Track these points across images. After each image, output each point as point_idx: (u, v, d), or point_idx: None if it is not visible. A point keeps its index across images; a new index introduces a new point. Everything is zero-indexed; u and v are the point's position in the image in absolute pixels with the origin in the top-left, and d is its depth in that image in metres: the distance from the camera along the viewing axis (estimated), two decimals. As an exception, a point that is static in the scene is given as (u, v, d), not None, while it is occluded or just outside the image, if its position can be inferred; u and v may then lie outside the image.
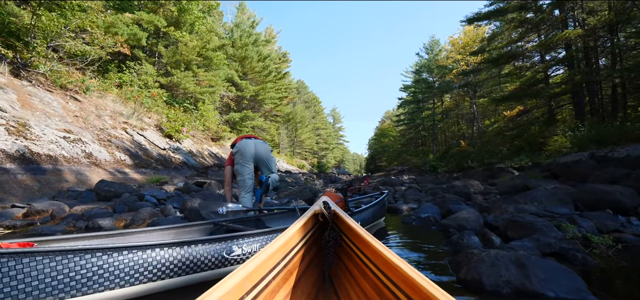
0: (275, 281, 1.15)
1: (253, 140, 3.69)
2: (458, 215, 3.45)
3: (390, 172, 27.46)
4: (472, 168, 16.70)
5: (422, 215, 4.16)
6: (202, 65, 22.59)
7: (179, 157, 13.40)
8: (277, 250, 1.14)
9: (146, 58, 18.57)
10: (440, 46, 36.90)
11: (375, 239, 1.19)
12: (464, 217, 3.35)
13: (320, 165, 48.42)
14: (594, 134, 9.06)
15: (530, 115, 18.48)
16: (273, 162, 3.80)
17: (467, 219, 3.32)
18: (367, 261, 1.22)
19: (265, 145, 3.75)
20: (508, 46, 17.07)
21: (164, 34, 20.06)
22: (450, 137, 33.78)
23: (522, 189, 5.67)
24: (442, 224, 3.49)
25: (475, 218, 3.34)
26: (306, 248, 1.47)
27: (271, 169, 3.76)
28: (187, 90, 20.48)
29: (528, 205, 4.03)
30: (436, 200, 4.75)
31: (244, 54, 30.83)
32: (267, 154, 3.71)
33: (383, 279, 1.07)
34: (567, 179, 7.27)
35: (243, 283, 0.88)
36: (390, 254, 1.02)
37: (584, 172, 6.99)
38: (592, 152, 7.73)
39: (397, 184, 9.60)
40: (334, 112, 77.45)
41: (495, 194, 6.20)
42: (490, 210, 4.12)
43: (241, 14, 36.28)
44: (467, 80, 25.49)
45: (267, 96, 33.01)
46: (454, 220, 3.40)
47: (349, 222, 1.41)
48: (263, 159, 3.67)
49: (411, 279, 0.85)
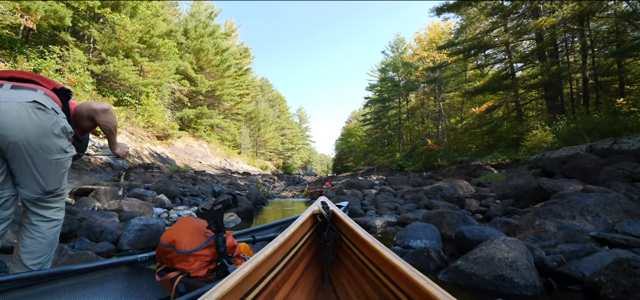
0: (275, 282, 1.14)
1: (11, 88, 1.33)
2: (487, 252, 1.78)
3: (358, 172, 26.16)
4: (443, 166, 15.75)
5: (412, 242, 2.49)
6: (147, 55, 19.84)
7: (101, 157, 10.90)
8: (275, 250, 1.13)
9: (76, 43, 15.60)
10: (405, 44, 36.50)
11: (374, 238, 1.18)
12: (502, 257, 1.69)
13: (286, 166, 46.24)
14: (588, 125, 8.06)
15: (498, 111, 17.95)
16: (57, 170, 1.42)
17: (510, 262, 1.66)
18: (366, 260, 1.23)
19: (39, 118, 1.32)
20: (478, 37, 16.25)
21: (99, 16, 17.17)
22: (416, 136, 33.44)
23: (533, 191, 4.22)
24: (460, 270, 1.81)
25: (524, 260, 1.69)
26: (305, 248, 1.47)
27: (46, 187, 1.39)
28: (126, 81, 17.66)
29: (579, 221, 2.50)
30: (430, 215, 3.08)
31: (200, 46, 28.13)
32: (43, 141, 1.34)
33: (382, 278, 1.09)
34: (566, 177, 6.03)
35: (242, 283, 0.88)
36: (390, 254, 1.02)
37: (588, 168, 5.79)
38: (591, 144, 6.59)
39: (365, 186, 8.00)
40: (300, 111, 75.60)
41: (493, 199, 4.73)
42: (520, 231, 2.53)
43: (198, 4, 33.37)
44: (433, 77, 24.83)
45: (225, 92, 30.41)
46: (483, 264, 1.73)
47: (347, 222, 1.41)
48: (27, 153, 1.31)
49: (411, 277, 0.87)
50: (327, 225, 1.53)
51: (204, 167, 19.49)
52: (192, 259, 1.36)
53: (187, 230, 1.44)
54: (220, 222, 1.41)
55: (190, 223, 1.50)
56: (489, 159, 11.60)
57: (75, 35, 16.46)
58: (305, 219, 1.46)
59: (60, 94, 1.48)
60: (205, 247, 1.39)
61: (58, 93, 1.47)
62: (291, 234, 1.29)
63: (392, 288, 1.01)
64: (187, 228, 1.45)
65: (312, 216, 1.55)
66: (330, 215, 1.52)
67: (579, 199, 2.65)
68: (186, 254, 1.36)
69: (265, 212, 5.86)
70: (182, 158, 19.01)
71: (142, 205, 3.91)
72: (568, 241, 2.20)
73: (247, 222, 4.43)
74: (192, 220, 1.53)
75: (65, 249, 1.77)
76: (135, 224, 2.62)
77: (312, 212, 1.55)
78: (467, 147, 17.03)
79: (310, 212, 1.53)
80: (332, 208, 1.56)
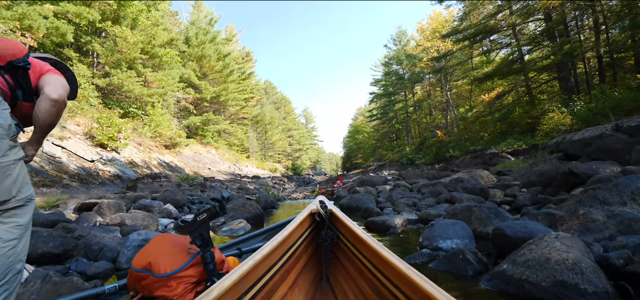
0: (273, 281, 1.13)
1: None
2: (540, 253, 1.50)
3: (368, 168, 25.80)
4: (455, 157, 15.32)
5: (441, 243, 2.21)
6: (150, 65, 19.84)
7: (110, 170, 10.83)
8: (274, 249, 1.12)
9: (79, 58, 15.65)
10: (407, 36, 36.02)
11: (372, 238, 1.18)
12: (561, 259, 1.41)
13: (294, 167, 46.02)
14: (611, 103, 7.60)
15: (508, 97, 17.43)
16: None
17: (572, 264, 1.37)
18: (364, 260, 1.22)
19: None
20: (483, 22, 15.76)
21: (101, 30, 17.22)
22: (425, 128, 32.94)
23: (562, 177, 3.89)
24: (507, 275, 1.53)
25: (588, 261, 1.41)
26: (303, 248, 1.46)
27: None
28: (131, 92, 17.66)
29: (631, 207, 2.19)
30: (455, 210, 2.75)
31: (201, 53, 28.10)
32: None
33: (380, 278, 1.08)
34: (593, 159, 5.66)
35: (241, 282, 0.88)
36: (388, 253, 1.02)
37: (617, 148, 5.42)
38: (616, 122, 6.19)
39: (378, 182, 7.70)
40: (306, 112, 75.38)
41: (518, 187, 4.41)
42: (562, 223, 2.23)
43: (197, 12, 33.41)
44: (439, 66, 24.33)
45: (230, 97, 30.34)
46: (537, 268, 1.45)
47: (345, 221, 1.41)
48: None
49: (409, 277, 0.86)
50: (325, 225, 1.52)
51: (213, 173, 19.42)
52: (174, 283, 1.13)
53: (165, 249, 1.19)
54: (207, 235, 1.16)
55: (168, 240, 1.25)
56: (504, 146, 11.17)
57: (79, 51, 16.53)
58: (303, 218, 1.45)
59: (12, 70, 1.14)
60: (189, 267, 1.15)
61: (11, 68, 1.14)
62: (289, 233, 1.28)
63: (389, 287, 1.01)
64: (165, 246, 1.21)
65: (310, 215, 1.53)
66: (328, 215, 1.51)
67: (628, 182, 2.33)
68: (167, 278, 1.13)
69: (276, 216, 5.62)
70: (191, 166, 18.95)
71: (146, 217, 3.71)
72: (625, 233, 1.90)
73: (258, 227, 4.20)
74: (171, 237, 1.28)
75: (50, 275, 1.55)
76: (133, 239, 2.39)
77: (310, 211, 1.54)
78: (479, 136, 16.54)
79: (308, 212, 1.52)
80: (330, 207, 1.55)
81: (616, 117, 6.92)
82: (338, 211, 1.50)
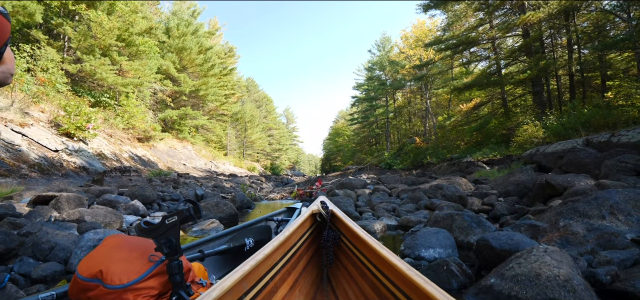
0: (273, 281, 1.12)
1: None
2: (529, 267, 1.42)
3: (346, 171, 25.85)
4: (432, 164, 15.59)
5: (423, 252, 2.12)
6: (126, 53, 18.97)
7: (75, 161, 10.19)
8: (275, 250, 1.11)
9: (48, 41, 14.68)
10: (391, 43, 36.54)
11: (374, 239, 1.17)
12: (552, 275, 1.33)
13: (273, 167, 45.45)
14: (582, 119, 7.91)
15: (484, 108, 17.95)
16: None
17: (563, 281, 1.30)
18: (365, 260, 1.22)
19: None
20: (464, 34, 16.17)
21: (74, 13, 16.28)
22: (404, 134, 33.48)
23: (538, 188, 3.93)
24: (495, 290, 1.44)
25: (579, 278, 1.34)
26: (304, 248, 1.45)
27: None
28: (104, 81, 16.80)
29: (610, 221, 2.19)
30: (437, 218, 2.67)
31: (182, 45, 27.23)
32: None
33: (381, 278, 1.08)
34: (564, 172, 5.83)
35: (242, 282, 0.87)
36: (389, 254, 1.01)
37: (587, 162, 5.60)
38: (587, 138, 6.42)
39: (358, 185, 7.63)
40: (287, 112, 74.79)
41: (495, 196, 4.43)
42: (543, 235, 2.19)
43: (180, 2, 32.37)
44: (421, 74, 24.79)
45: (210, 92, 29.53)
46: (527, 284, 1.37)
47: (347, 221, 1.40)
48: None
49: (410, 278, 0.85)
50: (326, 225, 1.50)
51: (188, 169, 18.79)
52: (131, 296, 0.94)
53: (120, 255, 0.99)
54: (176, 241, 0.98)
55: (125, 243, 1.04)
56: (480, 155, 11.46)
57: (49, 33, 15.54)
58: (304, 218, 1.44)
59: None
60: (150, 276, 0.96)
61: None
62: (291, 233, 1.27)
63: (391, 288, 1.00)
64: (120, 251, 1.00)
65: (311, 216, 1.52)
66: (330, 215, 1.50)
67: (607, 196, 2.34)
68: (121, 290, 0.94)
69: (251, 216, 5.41)
70: (164, 161, 18.27)
71: (109, 214, 3.42)
72: (605, 246, 1.88)
73: (231, 229, 3.99)
74: (128, 240, 1.07)
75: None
76: (89, 238, 2.14)
77: (311, 211, 1.52)
78: (456, 144, 16.93)
79: (309, 212, 1.51)
80: (331, 208, 1.52)
81: (586, 133, 7.20)
82: (339, 212, 1.49)
